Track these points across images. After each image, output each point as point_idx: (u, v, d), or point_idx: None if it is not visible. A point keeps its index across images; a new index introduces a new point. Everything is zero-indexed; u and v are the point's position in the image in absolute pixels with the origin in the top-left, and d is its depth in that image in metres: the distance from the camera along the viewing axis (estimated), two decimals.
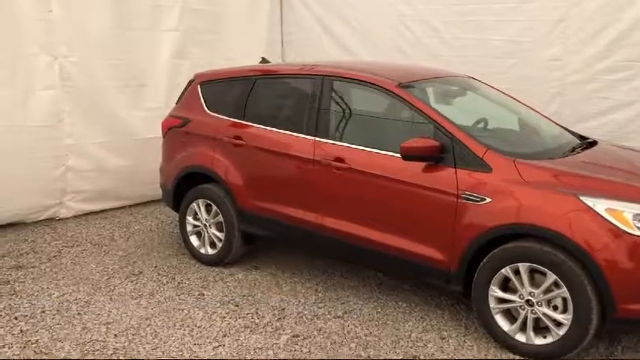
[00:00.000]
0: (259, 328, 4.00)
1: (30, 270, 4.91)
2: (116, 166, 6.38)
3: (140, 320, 4.08)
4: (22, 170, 5.75)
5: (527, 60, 6.04)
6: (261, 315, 4.17)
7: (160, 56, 6.56)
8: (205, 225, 5.04)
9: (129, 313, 4.19)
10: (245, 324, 4.04)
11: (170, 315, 4.16)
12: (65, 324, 4.02)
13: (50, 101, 5.85)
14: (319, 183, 4.37)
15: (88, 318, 4.11)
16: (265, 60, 5.68)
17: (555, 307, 3.50)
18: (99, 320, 4.08)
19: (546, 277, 3.47)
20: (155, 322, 4.07)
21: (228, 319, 4.12)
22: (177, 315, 4.16)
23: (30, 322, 4.04)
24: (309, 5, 7.64)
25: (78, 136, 6.08)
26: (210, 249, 5.04)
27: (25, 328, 3.97)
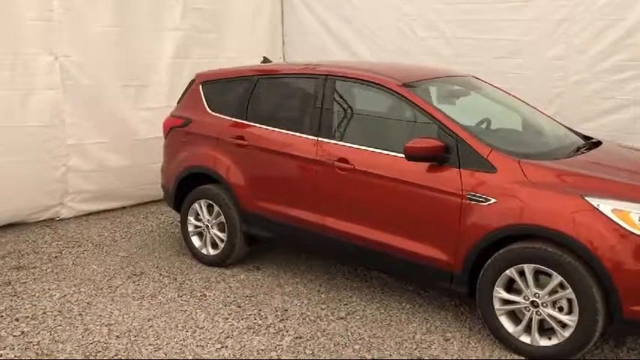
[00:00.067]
0: (262, 329, 3.97)
1: (31, 271, 4.89)
2: (117, 166, 6.36)
3: (142, 321, 4.06)
4: (22, 170, 5.73)
5: (531, 60, 6.01)
6: (264, 316, 4.15)
7: (162, 56, 6.54)
8: (207, 225, 5.02)
9: (131, 314, 4.16)
10: (248, 325, 4.02)
11: (172, 316, 4.14)
12: (67, 325, 3.99)
13: (51, 101, 5.83)
14: (322, 183, 4.35)
15: (89, 319, 4.08)
16: (267, 59, 5.65)
17: (560, 309, 3.47)
18: (100, 321, 4.05)
19: (551, 278, 3.45)
20: (157, 323, 4.04)
21: (230, 320, 4.09)
22: (180, 316, 4.14)
23: (31, 323, 4.02)
24: (310, 5, 7.61)
25: (79, 136, 6.06)
26: (212, 250, 5.02)
27: (27, 329, 3.94)
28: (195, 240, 5.12)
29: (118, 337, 3.86)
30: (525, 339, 3.60)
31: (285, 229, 4.61)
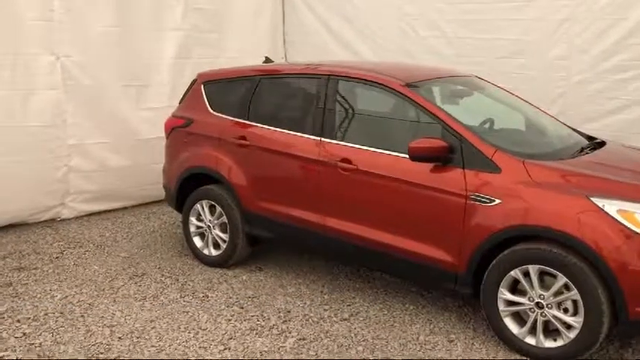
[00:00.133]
0: (265, 330, 3.95)
1: (32, 271, 4.86)
2: (119, 167, 6.34)
3: (144, 323, 4.04)
4: (23, 170, 5.71)
5: (533, 59, 6.00)
6: (267, 317, 4.13)
7: (163, 56, 6.52)
8: (209, 226, 5.00)
9: (133, 315, 4.14)
10: (251, 326, 4.00)
11: (174, 317, 4.12)
12: (69, 327, 3.97)
13: (52, 101, 5.80)
14: (325, 184, 4.33)
15: (91, 320, 4.06)
16: (269, 59, 5.64)
17: (566, 310, 3.45)
18: (103, 323, 4.03)
19: (557, 279, 3.43)
20: (160, 324, 4.02)
21: (233, 321, 4.07)
22: (182, 317, 4.12)
23: (33, 324, 4.00)
24: (311, 5, 7.59)
25: (80, 136, 6.04)
26: (214, 250, 5.00)
27: (28, 330, 3.92)
28: (197, 241, 5.10)
29: (120, 338, 3.84)
30: (530, 340, 3.58)
31: (288, 229, 4.59)
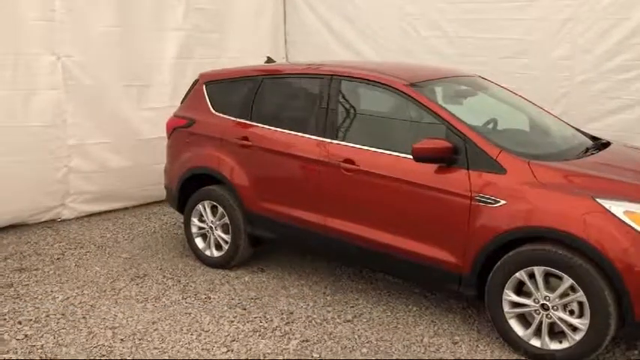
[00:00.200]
0: (268, 332, 3.93)
1: (33, 272, 4.84)
2: (119, 167, 6.31)
3: (146, 324, 4.01)
4: (24, 171, 5.68)
5: (536, 59, 5.97)
6: (270, 319, 4.10)
7: (164, 56, 6.49)
8: (211, 227, 4.97)
9: (135, 317, 4.12)
10: (254, 328, 3.97)
11: (177, 319, 4.09)
12: (70, 328, 3.94)
13: (53, 101, 5.78)
14: (328, 185, 4.30)
15: (93, 322, 4.03)
16: (271, 59, 5.62)
17: (571, 312, 3.43)
18: (105, 324, 4.00)
19: (562, 280, 3.41)
20: (162, 326, 3.99)
21: (236, 323, 4.05)
22: (184, 319, 4.09)
23: (34, 326, 3.97)
24: (312, 5, 7.57)
25: (81, 137, 6.01)
26: (216, 251, 4.97)
27: (30, 332, 3.89)
28: (199, 241, 5.07)
29: (122, 340, 3.81)
30: (535, 342, 3.56)
31: (290, 230, 4.56)
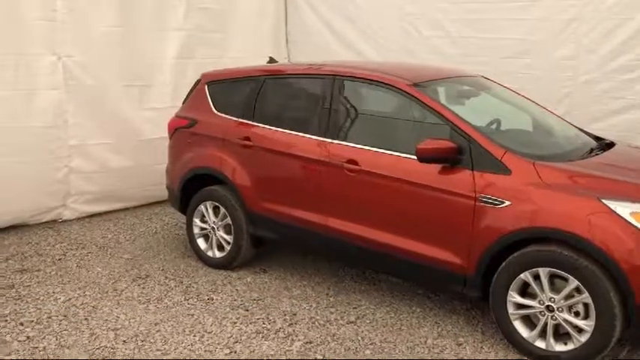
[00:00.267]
0: (271, 333, 3.91)
1: (35, 273, 4.81)
2: (120, 167, 6.29)
3: (149, 326, 3.99)
4: (25, 171, 5.65)
5: (539, 59, 5.95)
6: (273, 320, 4.08)
7: (165, 56, 6.47)
8: (213, 227, 4.95)
9: (137, 318, 4.10)
10: (257, 330, 3.95)
11: (179, 320, 4.07)
12: (72, 330, 3.92)
13: (54, 101, 5.75)
14: (330, 185, 4.28)
15: (95, 323, 4.01)
16: (273, 60, 5.59)
17: (577, 313, 3.41)
18: (107, 326, 3.98)
19: (567, 282, 3.39)
20: (164, 327, 3.97)
21: (239, 324, 4.03)
22: (187, 320, 4.07)
23: (36, 328, 3.95)
24: (313, 5, 7.54)
25: (82, 137, 5.98)
26: (218, 252, 4.95)
27: (32, 334, 3.87)
28: (201, 242, 5.05)
29: (124, 341, 3.79)
30: (540, 344, 3.54)
31: (293, 230, 4.54)
